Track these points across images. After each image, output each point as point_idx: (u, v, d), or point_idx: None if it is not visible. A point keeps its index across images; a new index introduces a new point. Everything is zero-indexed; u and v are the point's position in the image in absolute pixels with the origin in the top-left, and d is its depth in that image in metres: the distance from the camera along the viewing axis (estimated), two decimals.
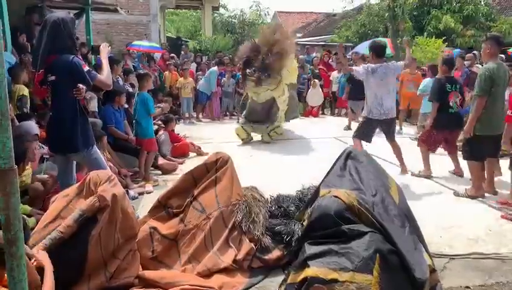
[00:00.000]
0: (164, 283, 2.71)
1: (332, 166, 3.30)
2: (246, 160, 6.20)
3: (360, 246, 2.46)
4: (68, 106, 3.36)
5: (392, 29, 14.66)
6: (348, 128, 8.79)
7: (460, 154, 4.97)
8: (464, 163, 4.93)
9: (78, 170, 3.92)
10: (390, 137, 5.25)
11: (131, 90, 7.09)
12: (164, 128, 6.61)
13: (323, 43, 18.52)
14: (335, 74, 10.98)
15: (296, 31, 25.81)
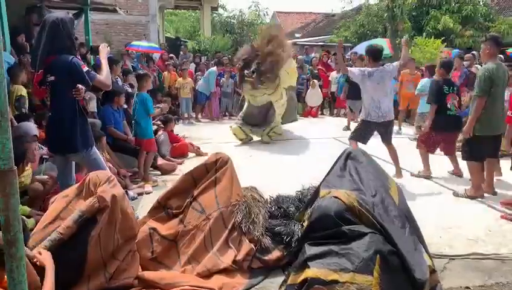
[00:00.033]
0: (164, 284, 2.70)
1: (332, 166, 3.30)
2: (246, 160, 6.20)
3: (361, 247, 2.46)
4: (67, 106, 3.35)
5: (391, 29, 14.71)
6: (347, 128, 8.78)
7: (459, 154, 4.96)
8: (464, 163, 4.93)
9: (78, 171, 3.92)
10: (387, 140, 5.21)
11: (130, 90, 7.09)
12: (163, 128, 6.60)
13: (322, 44, 18.51)
14: (334, 74, 11.00)
15: (295, 31, 25.92)
